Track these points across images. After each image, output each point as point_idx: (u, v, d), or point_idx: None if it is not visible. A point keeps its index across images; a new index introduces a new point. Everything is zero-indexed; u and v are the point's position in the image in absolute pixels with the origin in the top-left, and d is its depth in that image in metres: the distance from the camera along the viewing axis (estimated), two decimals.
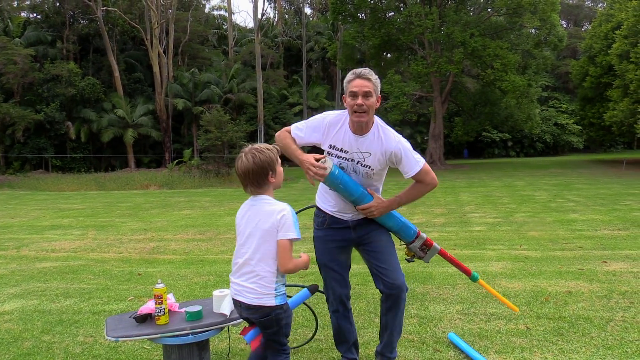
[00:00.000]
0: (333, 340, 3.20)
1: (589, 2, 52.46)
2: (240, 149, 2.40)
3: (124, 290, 5.22)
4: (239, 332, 2.64)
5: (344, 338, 3.08)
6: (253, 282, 2.37)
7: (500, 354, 3.28)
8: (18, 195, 18.86)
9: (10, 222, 11.21)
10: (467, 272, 3.13)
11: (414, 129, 37.78)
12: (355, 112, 2.69)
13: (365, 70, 2.71)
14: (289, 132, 2.91)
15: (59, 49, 33.77)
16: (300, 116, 34.71)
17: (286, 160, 3.03)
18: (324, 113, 2.90)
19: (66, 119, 31.60)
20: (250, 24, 50.25)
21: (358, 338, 3.23)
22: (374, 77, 2.71)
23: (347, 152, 2.79)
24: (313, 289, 2.75)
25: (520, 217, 9.87)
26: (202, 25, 42.06)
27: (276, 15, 47.27)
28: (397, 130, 2.91)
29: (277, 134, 2.96)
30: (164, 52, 34.72)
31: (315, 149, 2.84)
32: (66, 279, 5.80)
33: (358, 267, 4.29)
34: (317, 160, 2.72)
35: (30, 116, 29.17)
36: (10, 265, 6.66)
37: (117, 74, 32.80)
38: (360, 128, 2.75)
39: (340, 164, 2.80)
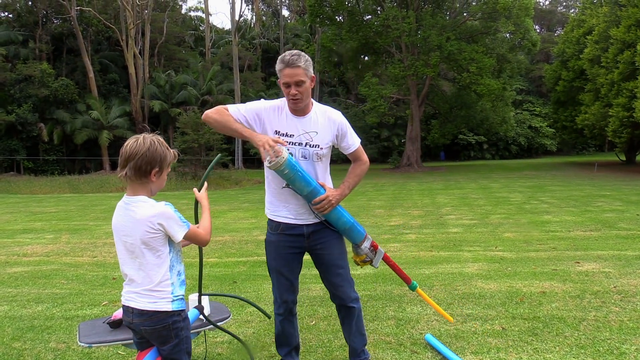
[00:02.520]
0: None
1: (561, 8, 53.55)
2: (219, 151, 2.32)
3: (98, 294, 5.13)
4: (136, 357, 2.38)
5: (286, 341, 3.08)
6: (148, 283, 2.13)
7: (476, 355, 3.31)
8: None
9: None
10: (406, 280, 3.21)
11: (391, 131, 38.00)
12: (291, 99, 2.71)
13: (294, 57, 2.65)
14: (227, 110, 2.74)
15: (32, 49, 33.08)
16: None
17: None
18: (261, 100, 2.88)
19: (39, 121, 30.96)
20: (227, 25, 50.03)
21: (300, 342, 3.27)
22: (303, 61, 2.66)
23: (293, 135, 2.77)
24: (201, 309, 2.74)
25: (496, 218, 10.00)
26: (179, 26, 41.70)
27: (254, 17, 47.15)
28: (373, 133, 2.95)
29: (208, 111, 2.73)
30: (139, 53, 34.29)
31: None
32: (38, 284, 5.67)
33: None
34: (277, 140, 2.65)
35: (1, 117, 28.51)
36: None
37: (91, 74, 32.28)
38: (301, 110, 2.77)
39: (288, 149, 2.72)
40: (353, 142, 2.89)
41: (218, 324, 2.86)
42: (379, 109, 28.09)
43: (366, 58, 33.97)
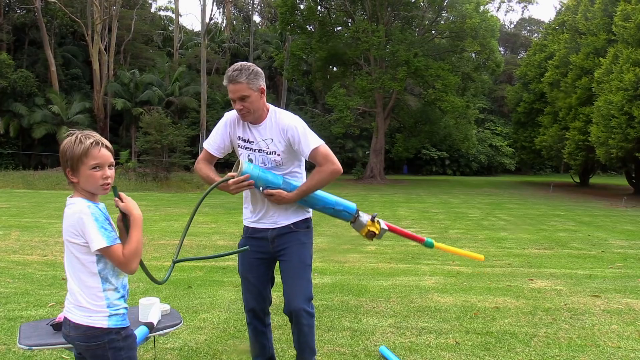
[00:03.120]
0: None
1: (525, 32, 55.28)
2: (182, 154, 2.18)
3: (46, 295, 4.93)
4: None
5: (259, 352, 3.02)
6: (81, 295, 1.92)
7: None
8: None
9: None
10: (420, 241, 3.08)
11: (356, 142, 38.27)
12: (239, 114, 2.73)
13: (235, 73, 2.64)
14: (204, 159, 2.90)
15: None
16: None
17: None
18: (224, 116, 2.90)
19: None
20: (197, 27, 49.46)
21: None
22: (245, 75, 2.63)
23: (253, 142, 2.79)
24: (151, 326, 2.59)
25: (455, 233, 10.16)
26: (147, 24, 40.99)
27: (224, 21, 46.82)
28: (338, 143, 2.91)
29: (194, 167, 2.97)
30: (105, 49, 33.50)
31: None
32: None
33: None
34: (232, 176, 2.66)
35: None
36: None
37: (53, 68, 31.31)
38: (255, 120, 2.77)
39: (249, 155, 2.80)
40: (306, 145, 2.70)
41: (170, 329, 2.78)
42: (345, 119, 28.27)
43: (335, 69, 34.17)
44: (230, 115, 2.84)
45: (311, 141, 2.72)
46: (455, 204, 17.67)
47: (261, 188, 2.71)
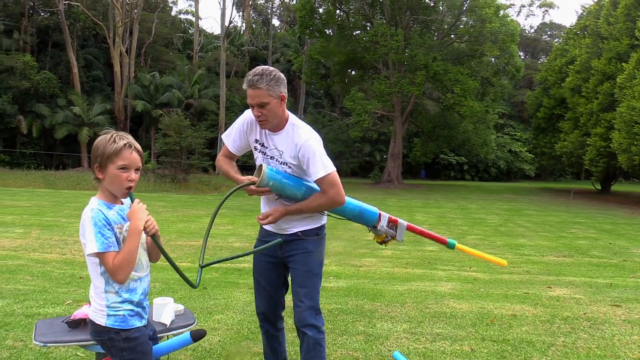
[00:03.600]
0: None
1: (545, 37, 54.66)
2: (200, 156, 2.20)
3: (63, 293, 4.98)
4: None
5: (271, 355, 2.99)
6: (92, 291, 2.07)
7: None
8: None
9: None
10: (443, 242, 3.04)
11: (373, 146, 38.17)
12: (257, 120, 2.65)
13: (255, 77, 2.53)
14: (224, 155, 2.87)
15: (15, 39, 32.53)
16: None
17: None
18: (244, 112, 2.81)
19: (18, 113, 30.38)
20: (217, 30, 49.92)
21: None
22: (266, 81, 2.53)
23: (267, 148, 2.72)
24: (197, 336, 2.32)
25: (472, 239, 10.05)
26: (168, 27, 41.44)
27: (244, 24, 47.15)
28: (356, 147, 2.83)
29: (216, 162, 2.93)
30: (126, 51, 33.95)
31: None
32: (1, 279, 5.49)
33: None
34: (254, 183, 2.59)
35: None
36: None
37: (75, 70, 31.83)
38: (273, 127, 2.68)
39: (264, 161, 2.72)
40: (315, 170, 2.56)
41: (183, 329, 2.78)
42: (362, 123, 28.22)
43: (353, 72, 34.16)
44: (249, 116, 2.75)
45: (321, 167, 2.57)
46: (473, 209, 17.51)
47: (277, 197, 2.68)
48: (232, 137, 2.82)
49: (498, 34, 26.63)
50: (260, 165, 2.61)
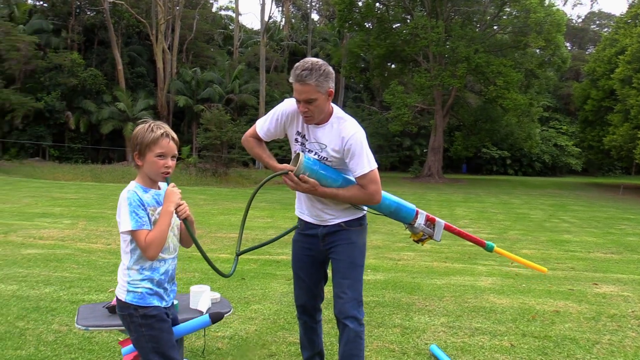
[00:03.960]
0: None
1: (594, 26, 52.71)
2: (240, 150, 2.24)
3: (107, 281, 5.13)
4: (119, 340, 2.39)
5: (308, 345, 2.97)
6: (119, 268, 2.22)
7: None
8: (12, 182, 18.73)
9: (1, 207, 11.10)
10: (481, 244, 2.98)
11: (413, 140, 37.74)
12: (302, 115, 2.56)
13: (304, 72, 2.43)
14: (254, 137, 2.76)
15: (63, 38, 33.64)
16: None
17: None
18: (284, 101, 2.71)
19: (66, 109, 31.47)
20: (256, 25, 50.28)
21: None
22: (315, 77, 2.43)
23: (307, 140, 2.65)
24: (216, 318, 2.36)
25: (514, 234, 9.81)
26: (209, 24, 42.03)
27: (283, 19, 47.34)
28: (396, 142, 2.74)
29: (243, 139, 2.82)
30: (168, 48, 34.65)
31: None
32: (49, 267, 5.71)
33: None
34: (291, 169, 2.54)
35: (30, 104, 29.00)
36: None
37: (120, 67, 32.70)
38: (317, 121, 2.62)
39: (302, 151, 2.65)
40: (360, 166, 2.52)
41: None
42: (402, 117, 27.90)
43: (393, 66, 33.80)
44: (290, 107, 2.66)
45: (366, 163, 2.53)
46: (516, 204, 17.09)
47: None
48: (267, 125, 2.72)
49: (543, 24, 25.78)
50: (298, 154, 2.57)
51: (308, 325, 2.93)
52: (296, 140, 2.70)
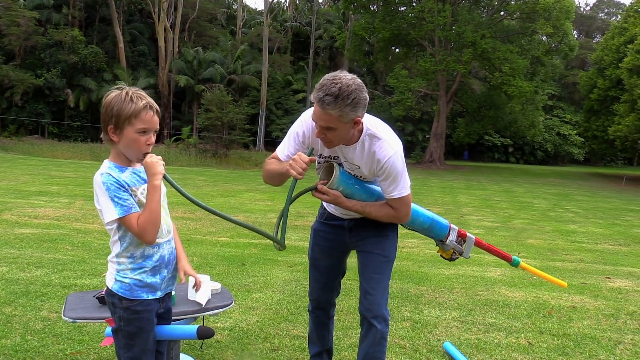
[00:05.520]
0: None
1: (602, 15, 52.05)
2: (241, 131, 1.91)
3: (101, 264, 4.91)
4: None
5: (317, 341, 2.76)
6: (110, 255, 1.96)
7: None
8: (10, 159, 18.49)
9: None
10: (507, 259, 2.80)
11: (416, 126, 37.42)
12: (319, 138, 2.22)
13: (329, 97, 2.02)
14: (274, 158, 2.42)
15: (64, 14, 33.11)
16: (303, 103, 34.26)
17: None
18: (302, 118, 2.35)
19: (66, 86, 31.07)
20: (260, 6, 49.60)
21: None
22: (340, 107, 2.04)
23: (337, 157, 2.33)
24: (203, 334, 2.07)
25: (519, 223, 9.61)
26: (212, 3, 41.38)
27: (287, 0, 46.65)
28: (398, 126, 2.46)
29: (263, 173, 2.47)
30: (170, 27, 34.15)
31: None
32: (42, 248, 5.49)
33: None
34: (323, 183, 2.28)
35: (29, 80, 28.64)
36: None
37: (121, 44, 32.23)
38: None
39: (340, 164, 2.35)
40: (398, 191, 2.27)
41: (219, 310, 2.60)
42: (406, 102, 27.58)
43: (397, 50, 33.35)
44: (309, 125, 2.31)
45: (403, 188, 2.28)
46: (519, 192, 16.87)
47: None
48: (287, 151, 2.37)
49: (552, 10, 25.34)
50: (332, 165, 2.30)
51: (320, 320, 2.72)
52: (318, 162, 2.39)
